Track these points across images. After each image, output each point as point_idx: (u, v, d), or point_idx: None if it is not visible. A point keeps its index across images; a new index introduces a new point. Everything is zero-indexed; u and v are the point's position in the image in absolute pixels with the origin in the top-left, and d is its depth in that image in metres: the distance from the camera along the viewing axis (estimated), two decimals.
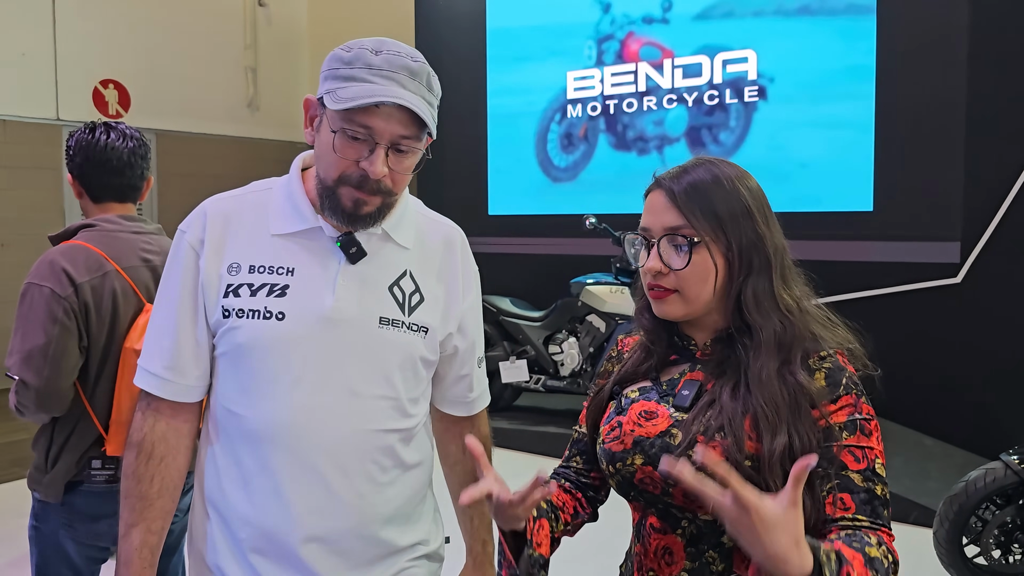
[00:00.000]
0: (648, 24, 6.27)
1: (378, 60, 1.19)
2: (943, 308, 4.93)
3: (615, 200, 6.32)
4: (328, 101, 1.20)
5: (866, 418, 1.11)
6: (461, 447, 1.50)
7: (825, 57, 5.50)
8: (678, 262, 1.15)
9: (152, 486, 1.30)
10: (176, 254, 1.31)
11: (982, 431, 4.70)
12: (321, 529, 1.28)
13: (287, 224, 1.29)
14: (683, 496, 1.11)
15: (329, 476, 1.27)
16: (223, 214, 1.31)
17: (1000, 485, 3.22)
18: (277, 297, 1.26)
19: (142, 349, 1.34)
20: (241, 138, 8.97)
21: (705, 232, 1.14)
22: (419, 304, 1.33)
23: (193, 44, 8.55)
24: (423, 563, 1.42)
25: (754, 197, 1.17)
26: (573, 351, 5.38)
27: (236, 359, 1.28)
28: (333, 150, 1.20)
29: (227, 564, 1.31)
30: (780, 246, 1.18)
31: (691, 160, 1.21)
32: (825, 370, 1.13)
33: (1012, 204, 4.68)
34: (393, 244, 1.33)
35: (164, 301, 1.32)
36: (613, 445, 1.19)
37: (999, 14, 4.74)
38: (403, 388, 1.32)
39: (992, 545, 3.27)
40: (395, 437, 1.32)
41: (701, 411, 1.12)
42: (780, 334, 1.12)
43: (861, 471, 1.08)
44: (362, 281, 1.29)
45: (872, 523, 1.06)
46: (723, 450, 1.07)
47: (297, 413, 1.26)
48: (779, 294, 1.15)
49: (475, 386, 1.48)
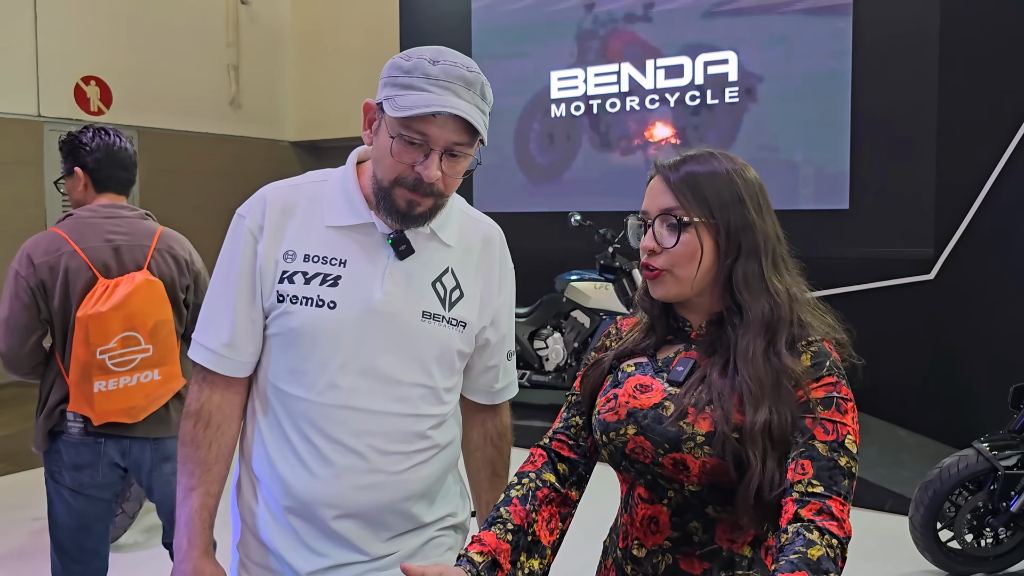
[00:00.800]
0: (631, 23, 6.37)
1: (435, 70, 1.26)
2: (917, 304, 5.07)
3: (599, 199, 6.42)
4: (388, 108, 1.27)
5: (844, 398, 1.16)
6: (482, 435, 1.58)
7: (804, 58, 5.63)
8: (669, 240, 1.23)
9: (210, 452, 1.38)
10: (235, 237, 1.38)
11: (953, 422, 4.85)
12: (358, 503, 1.36)
13: (342, 217, 1.37)
14: (671, 466, 1.19)
15: (368, 455, 1.35)
16: (282, 202, 1.38)
17: (972, 471, 3.35)
18: (330, 287, 1.34)
19: (198, 325, 1.41)
20: (223, 136, 8.97)
21: (695, 213, 1.22)
22: (459, 300, 1.41)
23: (176, 41, 8.54)
24: (450, 533, 1.51)
25: (748, 187, 1.24)
26: (558, 346, 5.47)
27: (288, 342, 1.36)
28: (391, 154, 1.28)
29: (269, 528, 1.40)
30: (772, 235, 1.25)
31: (692, 150, 1.29)
32: (811, 353, 1.20)
33: (983, 203, 4.83)
34: (438, 242, 1.41)
35: (223, 281, 1.39)
36: (608, 416, 1.26)
37: (968, 19, 4.89)
38: (440, 378, 1.41)
39: (965, 529, 3.40)
40: (430, 422, 1.41)
41: (693, 386, 1.20)
42: (767, 315, 1.20)
43: (828, 442, 1.12)
44: (408, 277, 1.37)
45: (825, 490, 1.08)
46: (712, 421, 1.16)
47: (342, 396, 1.34)
48: (768, 278, 1.22)
49: (501, 377, 1.56)
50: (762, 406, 1.13)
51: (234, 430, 1.42)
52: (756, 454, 1.12)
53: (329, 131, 9.47)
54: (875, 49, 5.33)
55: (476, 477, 1.59)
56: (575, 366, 5.44)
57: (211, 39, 8.90)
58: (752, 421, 1.13)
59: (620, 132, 6.46)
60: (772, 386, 1.15)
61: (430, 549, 1.46)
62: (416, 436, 1.39)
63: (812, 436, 1.13)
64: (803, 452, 1.12)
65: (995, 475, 3.32)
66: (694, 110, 6.13)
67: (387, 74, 1.30)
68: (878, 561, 3.53)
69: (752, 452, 1.12)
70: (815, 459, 1.11)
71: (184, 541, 1.37)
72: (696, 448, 1.16)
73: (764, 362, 1.17)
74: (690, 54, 6.11)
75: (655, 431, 1.20)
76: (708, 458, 1.16)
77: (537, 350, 5.53)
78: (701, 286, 1.25)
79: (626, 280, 5.27)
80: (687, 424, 1.17)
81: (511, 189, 6.90)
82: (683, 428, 1.17)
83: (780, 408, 1.14)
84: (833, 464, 1.10)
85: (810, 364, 1.19)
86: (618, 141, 6.48)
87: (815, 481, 1.09)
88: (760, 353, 1.17)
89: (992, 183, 4.77)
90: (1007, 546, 3.43)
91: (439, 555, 1.47)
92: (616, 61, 6.43)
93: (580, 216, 5.31)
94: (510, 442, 1.61)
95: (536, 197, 6.77)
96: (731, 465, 1.14)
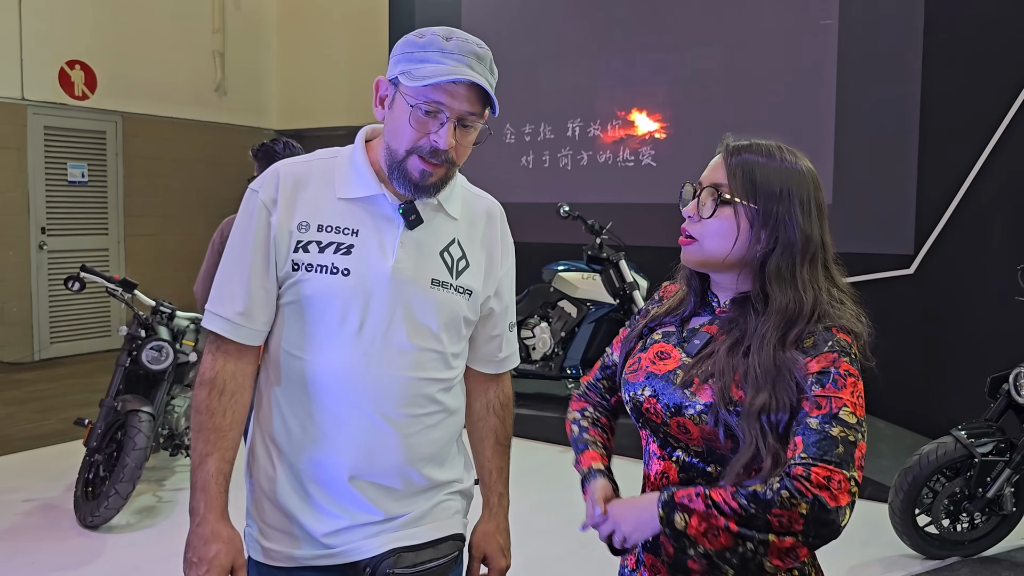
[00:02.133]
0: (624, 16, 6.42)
1: (450, 45, 1.34)
2: (898, 297, 5.18)
3: (587, 190, 6.49)
4: (404, 80, 1.34)
5: (842, 373, 1.19)
6: (485, 405, 1.64)
7: (791, 57, 5.72)
8: (707, 212, 1.30)
9: (225, 419, 1.41)
10: (248, 210, 1.43)
11: (930, 413, 4.96)
12: (372, 465, 1.42)
13: (353, 189, 1.43)
14: (676, 428, 1.27)
15: (381, 417, 1.41)
16: (294, 176, 1.43)
17: (950, 458, 3.45)
18: (343, 255, 1.39)
19: (211, 296, 1.45)
20: (208, 122, 8.93)
21: (740, 195, 1.28)
22: (465, 269, 1.48)
23: (161, 27, 8.48)
24: (457, 497, 1.57)
25: (802, 186, 1.28)
26: (545, 335, 5.53)
27: (302, 309, 1.41)
28: (409, 124, 1.35)
29: (285, 493, 1.44)
30: (816, 238, 1.28)
31: (761, 139, 1.33)
32: (814, 338, 1.23)
33: (962, 200, 4.94)
34: (444, 214, 1.47)
35: (237, 252, 1.43)
36: (630, 376, 1.37)
37: (951, 18, 4.99)
38: (448, 343, 1.47)
39: (942, 514, 3.51)
40: (439, 386, 1.47)
41: (702, 360, 1.29)
42: (790, 309, 1.24)
43: (819, 416, 1.15)
44: (418, 245, 1.43)
45: (812, 459, 1.11)
46: (711, 394, 1.24)
47: (356, 359, 1.40)
48: (801, 276, 1.26)
49: (504, 347, 1.62)
50: (763, 390, 1.19)
51: (247, 398, 1.45)
52: (751, 433, 1.19)
53: (314, 119, 9.45)
54: (860, 48, 5.43)
55: (480, 446, 1.64)
56: (562, 355, 5.51)
57: (197, 25, 8.84)
58: (751, 403, 1.19)
59: (606, 126, 6.52)
60: (777, 375, 1.20)
61: (439, 512, 1.52)
62: (427, 399, 1.45)
63: (805, 414, 1.17)
64: (795, 431, 1.17)
65: (972, 462, 3.42)
66: (679, 104, 6.20)
67: (400, 51, 1.37)
68: (857, 546, 3.63)
69: (748, 430, 1.19)
70: (806, 434, 1.15)
71: (201, 505, 1.39)
72: (695, 415, 1.25)
73: (773, 352, 1.22)
74: (677, 47, 6.18)
75: (664, 395, 1.29)
76: (705, 425, 1.24)
77: (524, 339, 5.59)
78: (731, 264, 1.30)
79: (613, 271, 5.33)
80: (690, 392, 1.26)
81: (498, 179, 6.94)
82: (686, 396, 1.26)
83: (780, 396, 1.19)
84: (825, 436, 1.13)
85: (811, 345, 1.23)
86: (605, 135, 6.54)
87: (803, 454, 1.13)
88: (773, 343, 1.23)
89: (971, 180, 4.89)
90: (982, 530, 3.54)
91: (447, 517, 1.53)
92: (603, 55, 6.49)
93: (568, 207, 5.37)
94: (512, 412, 1.67)
95: (524, 187, 6.82)
96: (722, 433, 1.22)
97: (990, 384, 3.59)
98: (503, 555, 1.61)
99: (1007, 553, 3.62)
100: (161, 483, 4.36)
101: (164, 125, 8.54)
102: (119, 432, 3.82)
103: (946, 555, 3.55)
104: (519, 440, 5.07)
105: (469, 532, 1.62)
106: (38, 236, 7.55)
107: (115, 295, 4.18)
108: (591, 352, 5.43)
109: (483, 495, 1.65)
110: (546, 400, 5.52)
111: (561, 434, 5.03)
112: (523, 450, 4.91)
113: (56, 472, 4.46)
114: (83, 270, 4.06)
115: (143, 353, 3.96)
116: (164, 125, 8.54)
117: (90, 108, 7.92)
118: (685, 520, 1.15)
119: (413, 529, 1.48)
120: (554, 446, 5.01)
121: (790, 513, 1.10)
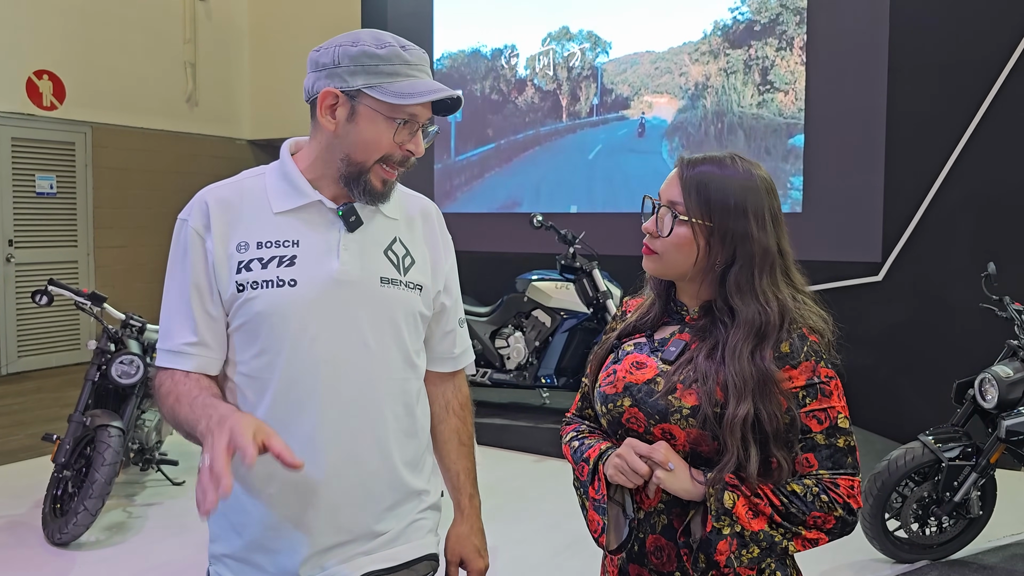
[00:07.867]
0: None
1: (408, 56, 1.36)
2: (866, 304, 5.25)
3: (560, 200, 6.52)
4: (376, 94, 1.34)
5: (824, 380, 1.27)
6: (444, 406, 1.63)
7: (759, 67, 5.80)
8: (665, 230, 1.33)
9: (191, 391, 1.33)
10: (181, 241, 1.41)
11: (898, 419, 5.04)
12: (350, 473, 1.40)
13: (288, 201, 1.42)
14: (661, 435, 1.30)
15: (353, 423, 1.40)
16: (223, 199, 1.41)
17: (918, 463, 3.49)
18: (287, 267, 1.38)
19: (160, 336, 1.41)
20: (179, 133, 8.85)
21: (695, 214, 1.31)
22: (412, 265, 1.49)
23: (131, 37, 8.40)
24: (429, 514, 1.56)
25: (756, 197, 1.31)
26: (519, 345, 5.54)
27: (255, 327, 1.38)
28: (389, 136, 1.37)
29: (253, 524, 1.41)
30: (773, 248, 1.31)
31: (719, 152, 1.36)
32: (789, 341, 1.28)
33: (928, 208, 5.03)
34: (381, 215, 1.48)
35: (176, 285, 1.40)
36: (607, 388, 1.38)
37: (916, 29, 5.09)
38: (408, 339, 1.47)
39: (911, 519, 3.55)
40: (405, 385, 1.47)
41: (682, 366, 1.31)
42: (756, 322, 1.27)
43: (824, 431, 1.26)
44: (361, 247, 1.43)
45: (832, 474, 1.25)
46: (696, 397, 1.27)
47: (320, 367, 1.38)
48: (760, 289, 1.29)
49: (458, 342, 1.63)
50: (744, 400, 1.23)
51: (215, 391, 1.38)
52: (734, 442, 1.22)
53: (286, 130, 9.38)
54: (827, 58, 5.51)
55: (444, 449, 1.62)
56: (536, 365, 5.52)
57: (167, 35, 8.77)
58: (733, 413, 1.23)
59: (581, 137, 6.56)
60: (757, 385, 1.23)
61: (412, 532, 1.51)
62: (393, 399, 1.45)
63: (808, 430, 1.26)
64: (804, 446, 1.26)
65: (940, 466, 3.47)
66: (654, 116, 6.25)
67: (356, 62, 1.35)
68: (827, 551, 3.66)
69: (730, 439, 1.23)
70: (816, 451, 1.26)
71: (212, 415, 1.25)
72: (682, 420, 1.27)
73: (750, 363, 1.25)
74: (649, 57, 6.24)
75: (647, 404, 1.31)
76: (692, 428, 1.27)
77: (498, 349, 5.59)
78: (692, 276, 1.34)
79: (586, 280, 5.36)
80: (675, 398, 1.28)
81: (472, 188, 6.96)
82: (671, 402, 1.28)
83: (767, 407, 1.23)
84: (834, 449, 1.26)
85: (788, 351, 1.27)
86: (578, 145, 6.58)
87: (822, 471, 1.26)
88: (747, 354, 1.26)
89: (937, 189, 4.98)
90: (950, 534, 3.59)
91: (421, 536, 1.52)
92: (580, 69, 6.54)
93: (542, 217, 5.39)
94: (472, 412, 1.66)
95: (498, 196, 6.84)
96: (710, 436, 1.26)
97: (956, 389, 3.64)
98: (480, 556, 1.59)
99: (975, 556, 3.67)
100: (131, 498, 4.30)
101: (134, 136, 8.45)
102: (88, 447, 3.77)
103: (915, 559, 3.60)
104: (494, 450, 5.09)
105: (441, 541, 1.61)
106: (5, 249, 7.45)
107: (84, 309, 4.13)
108: (565, 361, 5.44)
109: (453, 498, 1.63)
110: (520, 409, 5.52)
111: (535, 443, 5.06)
112: (498, 459, 4.91)
113: (23, 488, 4.40)
114: (51, 283, 4.01)
115: (113, 367, 3.91)
116: (134, 136, 8.45)
117: (58, 119, 7.83)
118: (734, 499, 1.23)
119: (388, 551, 1.47)
120: (529, 455, 5.02)
121: (826, 516, 1.25)
